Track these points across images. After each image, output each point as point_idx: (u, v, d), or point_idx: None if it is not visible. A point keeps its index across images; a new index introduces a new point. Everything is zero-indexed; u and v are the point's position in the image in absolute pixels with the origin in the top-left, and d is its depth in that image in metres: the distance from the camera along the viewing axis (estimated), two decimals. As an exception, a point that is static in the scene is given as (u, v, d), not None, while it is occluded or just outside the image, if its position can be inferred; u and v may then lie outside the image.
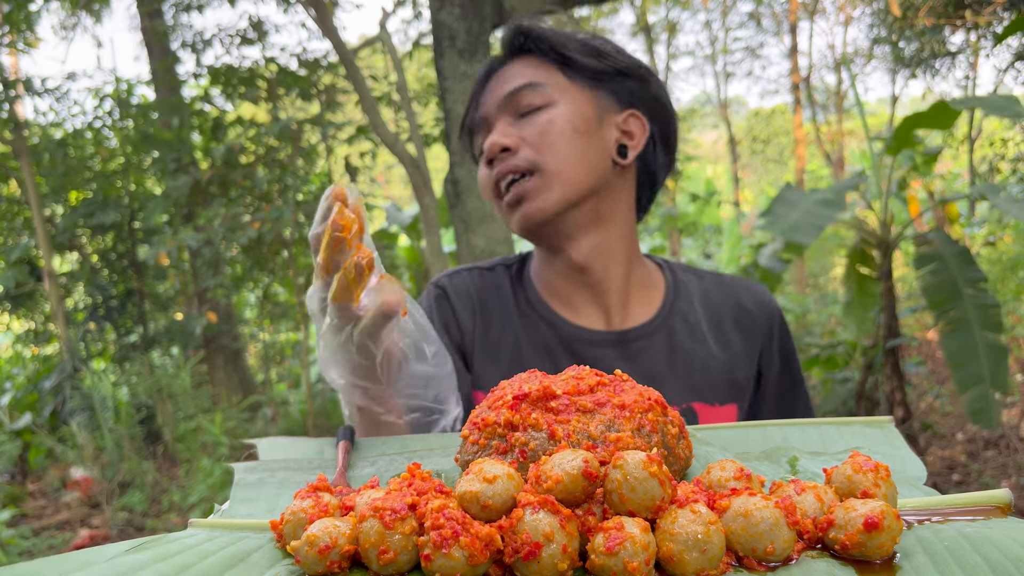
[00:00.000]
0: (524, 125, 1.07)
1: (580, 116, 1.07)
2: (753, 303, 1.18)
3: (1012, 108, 2.78)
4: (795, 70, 12.16)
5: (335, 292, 0.77)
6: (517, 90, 1.07)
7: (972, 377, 3.10)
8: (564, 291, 1.15)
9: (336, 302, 0.77)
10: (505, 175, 1.06)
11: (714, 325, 1.16)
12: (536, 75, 1.08)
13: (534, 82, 1.07)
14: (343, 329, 0.80)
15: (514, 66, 1.11)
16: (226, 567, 0.53)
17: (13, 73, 6.36)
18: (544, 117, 1.06)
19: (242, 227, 5.29)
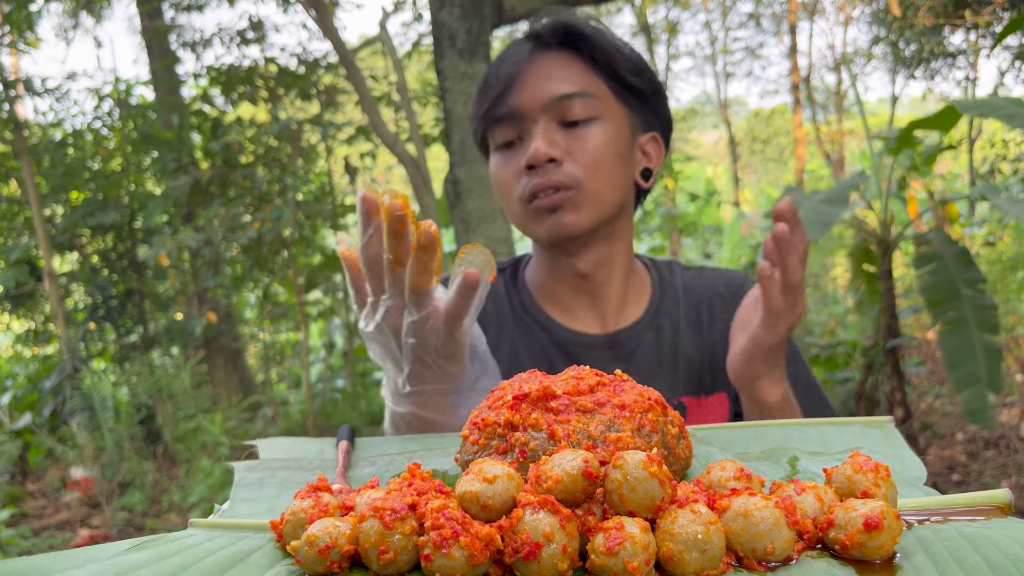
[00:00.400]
0: (571, 137, 1.03)
1: (621, 138, 1.06)
2: (726, 287, 1.19)
3: (1020, 114, 2.78)
4: (795, 70, 12.16)
5: (413, 278, 0.74)
6: (569, 96, 1.02)
7: (969, 377, 3.10)
8: (561, 296, 1.15)
9: (416, 290, 0.74)
10: (546, 188, 1.02)
11: (695, 315, 1.17)
12: (587, 83, 1.04)
13: (586, 92, 1.03)
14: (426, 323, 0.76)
15: (557, 62, 1.05)
16: (226, 567, 0.53)
17: (13, 73, 6.36)
18: (593, 134, 1.03)
19: (242, 227, 5.29)
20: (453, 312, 0.75)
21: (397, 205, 0.72)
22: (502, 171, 1.08)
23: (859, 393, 3.99)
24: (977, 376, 3.08)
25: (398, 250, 0.74)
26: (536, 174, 1.02)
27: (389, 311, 0.78)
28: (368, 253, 0.76)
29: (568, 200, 1.02)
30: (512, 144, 1.06)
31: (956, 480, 3.96)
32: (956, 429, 4.70)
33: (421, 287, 0.74)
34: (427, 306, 0.75)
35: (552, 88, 1.03)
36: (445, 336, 0.77)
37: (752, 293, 0.98)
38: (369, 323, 0.80)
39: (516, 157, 1.05)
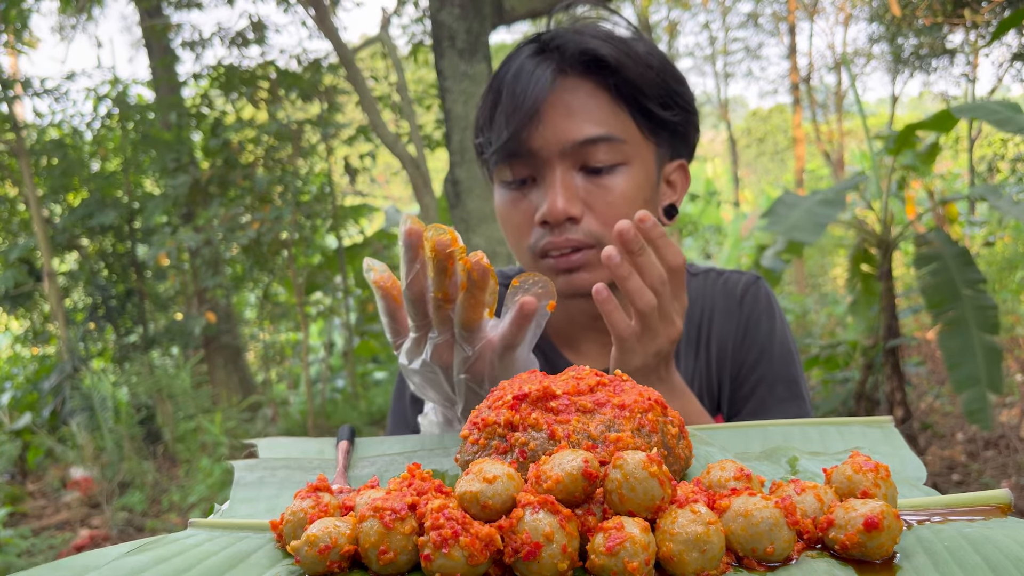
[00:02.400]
0: (593, 187, 0.93)
1: (648, 181, 0.96)
2: (725, 296, 1.11)
3: (1014, 120, 2.79)
4: (794, 70, 12.17)
5: (464, 315, 0.69)
6: (592, 141, 0.92)
7: (969, 378, 3.11)
8: (567, 329, 1.09)
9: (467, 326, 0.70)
10: (562, 247, 0.93)
11: (695, 332, 1.10)
12: (613, 123, 0.92)
13: (612, 135, 0.92)
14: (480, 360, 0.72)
15: (581, 95, 0.92)
16: (226, 567, 0.53)
17: (13, 73, 6.36)
18: (617, 184, 0.93)
19: (241, 227, 5.30)
20: (507, 343, 0.72)
21: (445, 242, 0.67)
22: (511, 213, 0.97)
23: (859, 393, 3.99)
24: (977, 376, 3.09)
25: (445, 288, 0.69)
26: (551, 231, 0.93)
27: (438, 348, 0.74)
28: (413, 290, 0.71)
29: (586, 261, 0.94)
30: (523, 184, 0.96)
31: (956, 480, 3.96)
32: (956, 429, 4.70)
33: (473, 323, 0.70)
34: (479, 340, 0.72)
35: (574, 130, 0.92)
36: (499, 368, 0.73)
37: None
38: (413, 359, 0.76)
39: (528, 200, 0.95)
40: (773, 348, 1.08)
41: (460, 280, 0.69)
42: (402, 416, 1.13)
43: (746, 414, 1.07)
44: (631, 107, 0.94)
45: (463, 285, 0.69)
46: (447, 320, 0.72)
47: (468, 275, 0.68)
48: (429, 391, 0.79)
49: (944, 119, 3.24)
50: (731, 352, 1.08)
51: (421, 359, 0.75)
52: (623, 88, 0.93)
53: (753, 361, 1.07)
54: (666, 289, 0.80)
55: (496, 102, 0.96)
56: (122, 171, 6.18)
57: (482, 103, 0.99)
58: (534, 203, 0.95)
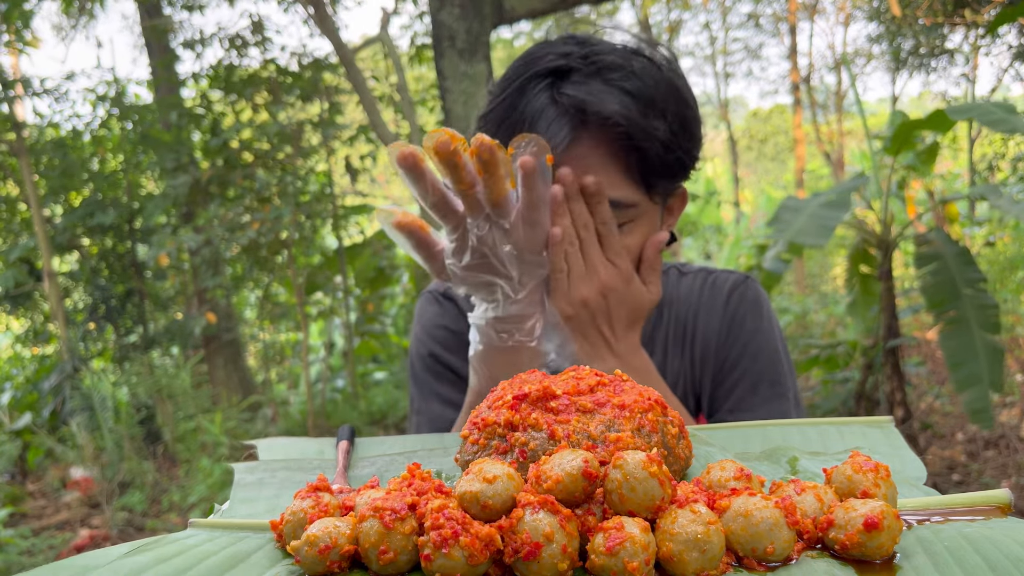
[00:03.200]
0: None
1: (653, 227, 0.97)
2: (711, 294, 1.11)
3: (1009, 121, 2.79)
4: (795, 70, 12.17)
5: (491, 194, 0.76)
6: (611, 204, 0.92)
7: (970, 377, 3.10)
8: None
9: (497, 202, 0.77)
10: None
11: (681, 332, 1.10)
12: (625, 189, 0.92)
13: (624, 202, 0.92)
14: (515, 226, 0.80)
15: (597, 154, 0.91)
16: (226, 567, 0.53)
17: (14, 73, 6.36)
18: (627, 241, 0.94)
19: (241, 227, 5.29)
20: (530, 202, 0.79)
21: (445, 141, 0.73)
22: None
23: (859, 393, 3.99)
24: (979, 376, 3.08)
25: (464, 178, 0.75)
26: None
27: (481, 233, 0.81)
28: (435, 198, 0.78)
29: None
30: None
31: (956, 480, 3.96)
32: (956, 429, 4.70)
33: (501, 197, 0.77)
34: (510, 210, 0.79)
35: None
36: (531, 227, 0.80)
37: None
38: (463, 256, 0.82)
39: None
40: (757, 346, 1.08)
41: (474, 166, 0.75)
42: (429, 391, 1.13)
43: (725, 411, 1.07)
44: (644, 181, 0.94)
45: (479, 170, 0.75)
46: (478, 204, 0.79)
47: (478, 159, 0.74)
48: (482, 282, 0.85)
49: (940, 119, 3.24)
50: (714, 350, 1.09)
51: (468, 250, 0.82)
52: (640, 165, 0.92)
53: (736, 358, 1.08)
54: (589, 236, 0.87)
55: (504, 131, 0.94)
56: (122, 171, 6.18)
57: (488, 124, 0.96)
58: None
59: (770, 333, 1.10)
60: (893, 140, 3.53)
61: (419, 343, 1.16)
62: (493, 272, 0.84)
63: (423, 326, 1.16)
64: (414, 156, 0.74)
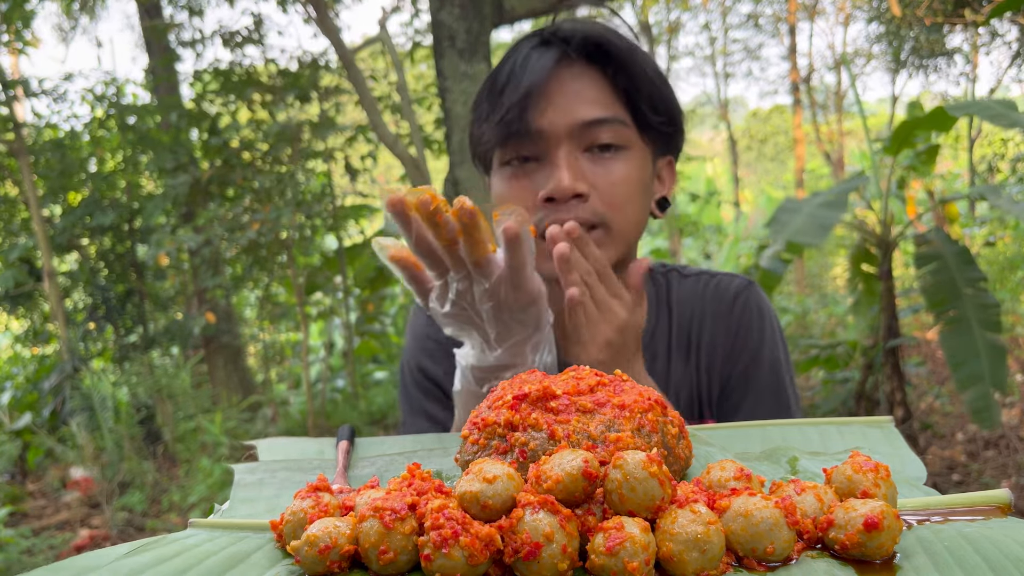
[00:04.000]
0: (597, 168, 0.95)
1: (645, 168, 0.99)
2: (717, 301, 1.11)
3: (1009, 116, 2.80)
4: (794, 70, 12.17)
5: (472, 254, 0.76)
6: (599, 122, 0.94)
7: (972, 377, 3.10)
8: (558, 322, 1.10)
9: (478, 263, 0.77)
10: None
11: (685, 338, 1.11)
12: (615, 108, 0.95)
13: (616, 118, 0.94)
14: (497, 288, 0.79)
15: (586, 80, 0.95)
16: (226, 567, 0.53)
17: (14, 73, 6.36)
18: (620, 167, 0.95)
19: (241, 227, 5.29)
20: (514, 266, 0.79)
21: (425, 201, 0.75)
22: (511, 193, 0.97)
23: (859, 393, 3.99)
24: (980, 375, 3.08)
25: (445, 236, 0.76)
26: (557, 208, 0.93)
27: (460, 288, 0.81)
28: (421, 247, 0.78)
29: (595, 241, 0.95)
30: (526, 162, 0.96)
31: (956, 480, 3.96)
32: (956, 429, 4.70)
33: (481, 258, 0.77)
34: (492, 272, 0.79)
35: (582, 111, 0.93)
36: (515, 290, 0.80)
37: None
38: (444, 304, 0.83)
39: (530, 180, 0.96)
40: (763, 356, 1.08)
41: (455, 227, 0.76)
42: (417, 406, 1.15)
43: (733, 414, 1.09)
44: (628, 101, 0.97)
45: (459, 232, 0.75)
46: (460, 261, 0.79)
47: (459, 221, 0.75)
48: (463, 329, 0.85)
49: (940, 117, 3.24)
50: (720, 358, 1.09)
51: (449, 301, 0.82)
52: (622, 81, 0.96)
53: (743, 370, 1.08)
54: (593, 279, 0.88)
55: (497, 88, 0.97)
56: (121, 171, 6.18)
57: (480, 93, 1.02)
58: (537, 183, 0.96)
59: (774, 340, 1.10)
60: (893, 140, 3.53)
61: (409, 354, 1.17)
62: (472, 324, 0.84)
63: (414, 336, 1.18)
64: (402, 203, 0.75)
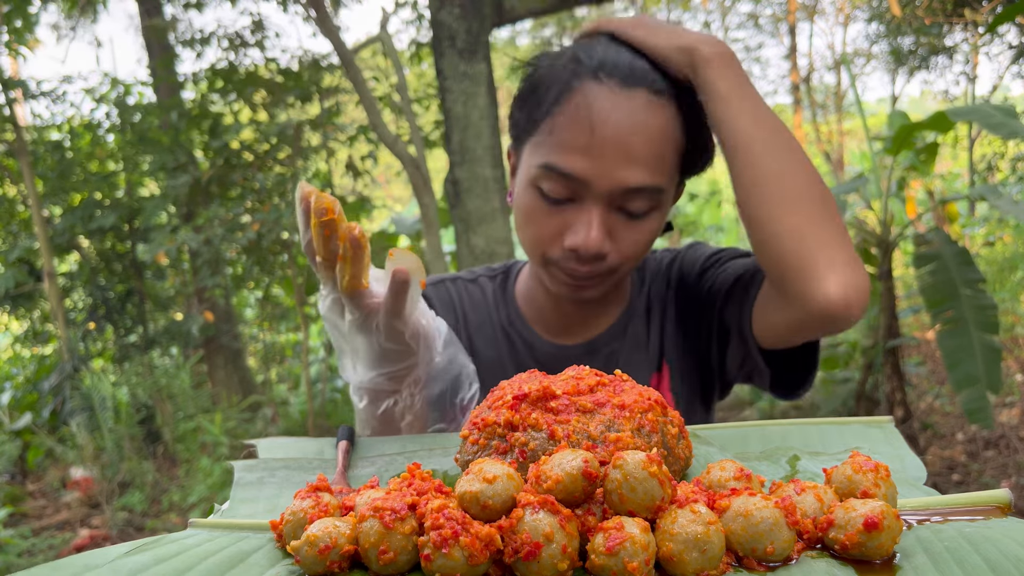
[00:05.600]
0: (624, 227, 0.96)
1: (664, 219, 1.00)
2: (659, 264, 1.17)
3: (1009, 124, 2.80)
4: (794, 70, 12.17)
5: (344, 281, 0.74)
6: (641, 191, 0.93)
7: (968, 378, 3.10)
8: (550, 312, 1.13)
9: (348, 293, 0.74)
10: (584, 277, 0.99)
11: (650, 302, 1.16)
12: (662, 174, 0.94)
13: (657, 187, 0.94)
14: (367, 321, 0.76)
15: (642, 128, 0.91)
16: (226, 567, 0.53)
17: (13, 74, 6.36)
18: (647, 228, 0.97)
19: (241, 228, 5.29)
20: (389, 309, 0.75)
21: (321, 210, 0.71)
22: (538, 223, 0.98)
23: (859, 393, 3.99)
24: (976, 376, 3.08)
25: (326, 251, 0.73)
26: (576, 259, 0.97)
27: (332, 303, 0.79)
28: (307, 250, 0.75)
29: (600, 283, 1.01)
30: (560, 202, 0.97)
31: (956, 480, 3.96)
32: (956, 429, 4.70)
33: (352, 290, 0.74)
34: (364, 306, 0.76)
35: (628, 176, 0.92)
36: (386, 331, 0.77)
37: None
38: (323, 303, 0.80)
39: (559, 217, 0.97)
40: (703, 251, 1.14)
41: (337, 249, 0.73)
42: None
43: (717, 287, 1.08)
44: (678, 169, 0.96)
45: (340, 256, 0.73)
46: (333, 280, 0.76)
47: (342, 246, 0.72)
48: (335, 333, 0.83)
49: (940, 121, 3.24)
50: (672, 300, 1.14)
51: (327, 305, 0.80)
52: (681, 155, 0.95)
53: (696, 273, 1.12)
54: None
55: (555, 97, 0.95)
56: (121, 172, 6.18)
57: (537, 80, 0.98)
58: (566, 222, 0.96)
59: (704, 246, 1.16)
60: (893, 140, 3.53)
61: None
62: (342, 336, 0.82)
63: None
64: (307, 201, 0.73)
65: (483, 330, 1.15)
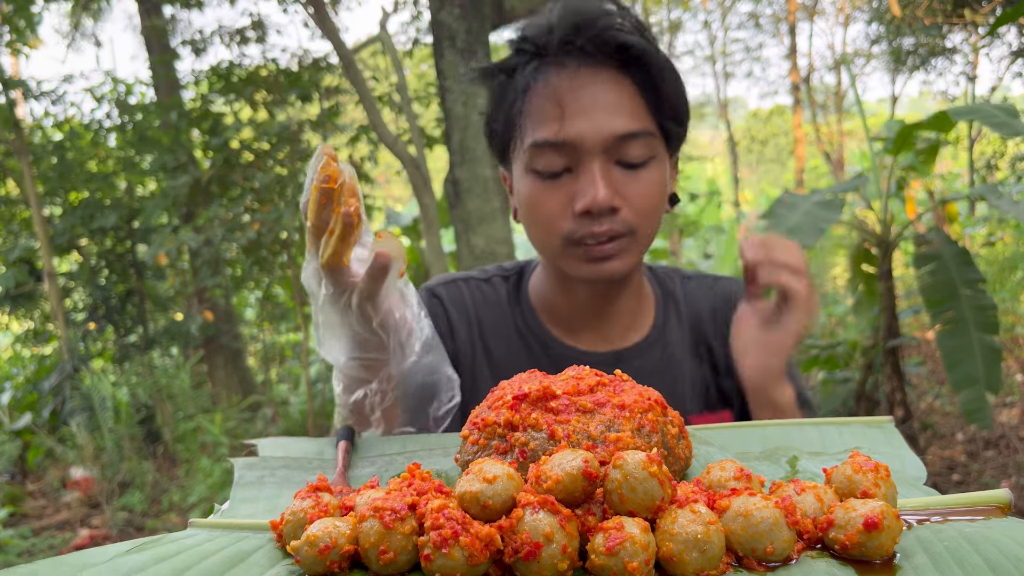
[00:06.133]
0: (629, 180, 0.95)
1: (666, 172, 1.01)
2: (723, 299, 1.15)
3: (1011, 124, 2.80)
4: (795, 70, 12.17)
5: (325, 254, 0.74)
6: (632, 136, 0.94)
7: (967, 378, 3.10)
8: (566, 314, 1.11)
9: (327, 267, 0.75)
10: (600, 236, 0.96)
11: (697, 332, 1.14)
12: (646, 120, 0.96)
13: (648, 131, 0.95)
14: (340, 298, 0.77)
15: (614, 89, 0.94)
16: (226, 567, 0.53)
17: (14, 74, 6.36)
18: (650, 177, 0.97)
19: (241, 228, 5.29)
20: (362, 290, 0.76)
21: (324, 177, 0.71)
22: (545, 203, 0.98)
23: (859, 393, 3.98)
24: (975, 376, 3.08)
25: (318, 219, 0.74)
26: (591, 221, 0.95)
27: (314, 272, 0.78)
28: (303, 205, 0.76)
29: (621, 249, 0.98)
30: (558, 175, 0.97)
31: (956, 480, 3.95)
32: (956, 429, 4.69)
33: (331, 266, 0.74)
34: (340, 283, 0.76)
35: (615, 124, 0.93)
36: (357, 312, 0.77)
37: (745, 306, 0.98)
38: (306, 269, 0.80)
39: (563, 190, 0.96)
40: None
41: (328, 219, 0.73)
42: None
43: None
44: (656, 110, 0.97)
45: (330, 231, 0.72)
46: (318, 248, 0.76)
47: (335, 222, 0.72)
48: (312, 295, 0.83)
49: (942, 120, 3.24)
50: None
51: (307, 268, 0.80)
52: (651, 90, 0.96)
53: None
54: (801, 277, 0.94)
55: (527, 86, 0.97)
56: (121, 172, 6.18)
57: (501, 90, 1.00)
58: (569, 193, 0.96)
59: None
60: (893, 140, 3.53)
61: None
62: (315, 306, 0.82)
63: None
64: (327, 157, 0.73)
65: (497, 332, 1.13)
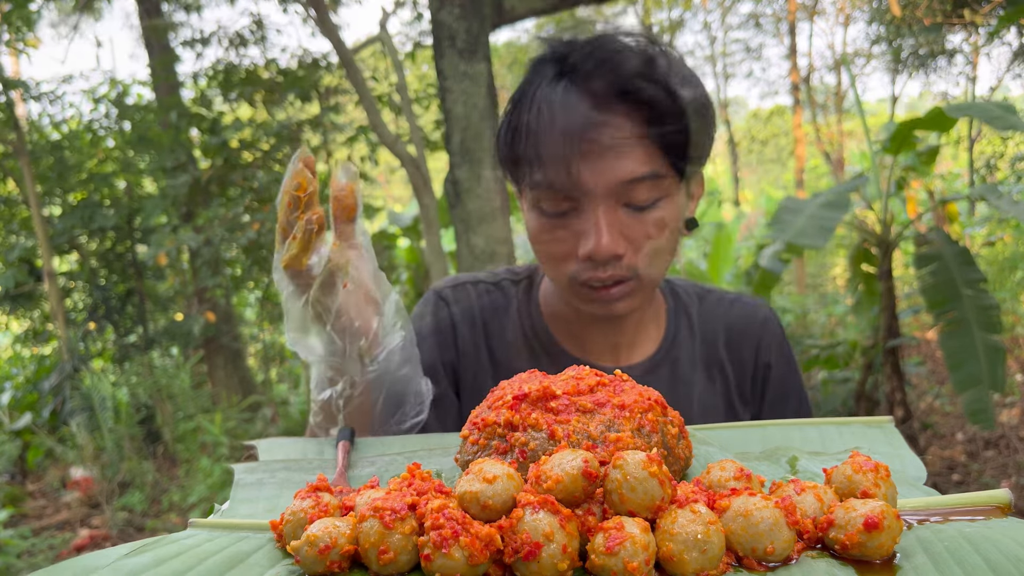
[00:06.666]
0: (635, 223, 0.93)
1: (679, 208, 0.97)
2: (745, 322, 1.13)
3: (1007, 119, 2.80)
4: (795, 70, 12.16)
5: (285, 256, 0.77)
6: (639, 180, 0.90)
7: (970, 378, 3.10)
8: (576, 327, 1.09)
9: (286, 268, 0.78)
10: (604, 281, 0.94)
11: (712, 352, 1.12)
12: (655, 162, 0.91)
13: (656, 174, 0.91)
14: (300, 297, 0.80)
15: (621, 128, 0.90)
16: (226, 568, 0.53)
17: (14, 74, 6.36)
18: (657, 219, 0.93)
19: (241, 228, 5.29)
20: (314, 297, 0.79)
21: (294, 184, 0.75)
22: (549, 242, 0.97)
23: (859, 393, 3.99)
24: (979, 376, 3.08)
25: (285, 221, 0.77)
26: (595, 266, 0.94)
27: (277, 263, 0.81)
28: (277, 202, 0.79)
29: (627, 292, 0.96)
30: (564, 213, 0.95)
31: (956, 480, 3.95)
32: (956, 429, 4.69)
33: (291, 268, 0.77)
34: (300, 285, 0.79)
35: (621, 169, 0.90)
36: (312, 314, 0.81)
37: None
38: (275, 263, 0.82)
39: (567, 230, 0.95)
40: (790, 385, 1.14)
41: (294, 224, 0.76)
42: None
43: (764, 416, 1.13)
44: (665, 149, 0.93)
45: (293, 235, 0.76)
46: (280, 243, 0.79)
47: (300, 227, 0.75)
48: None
49: (939, 118, 3.24)
50: (751, 377, 1.12)
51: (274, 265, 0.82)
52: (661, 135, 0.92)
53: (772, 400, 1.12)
54: None
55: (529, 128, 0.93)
56: (121, 172, 6.18)
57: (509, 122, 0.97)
58: (575, 233, 0.94)
59: (798, 372, 1.15)
60: (893, 140, 3.53)
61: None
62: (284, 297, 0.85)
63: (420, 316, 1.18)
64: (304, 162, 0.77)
65: (504, 338, 1.12)
